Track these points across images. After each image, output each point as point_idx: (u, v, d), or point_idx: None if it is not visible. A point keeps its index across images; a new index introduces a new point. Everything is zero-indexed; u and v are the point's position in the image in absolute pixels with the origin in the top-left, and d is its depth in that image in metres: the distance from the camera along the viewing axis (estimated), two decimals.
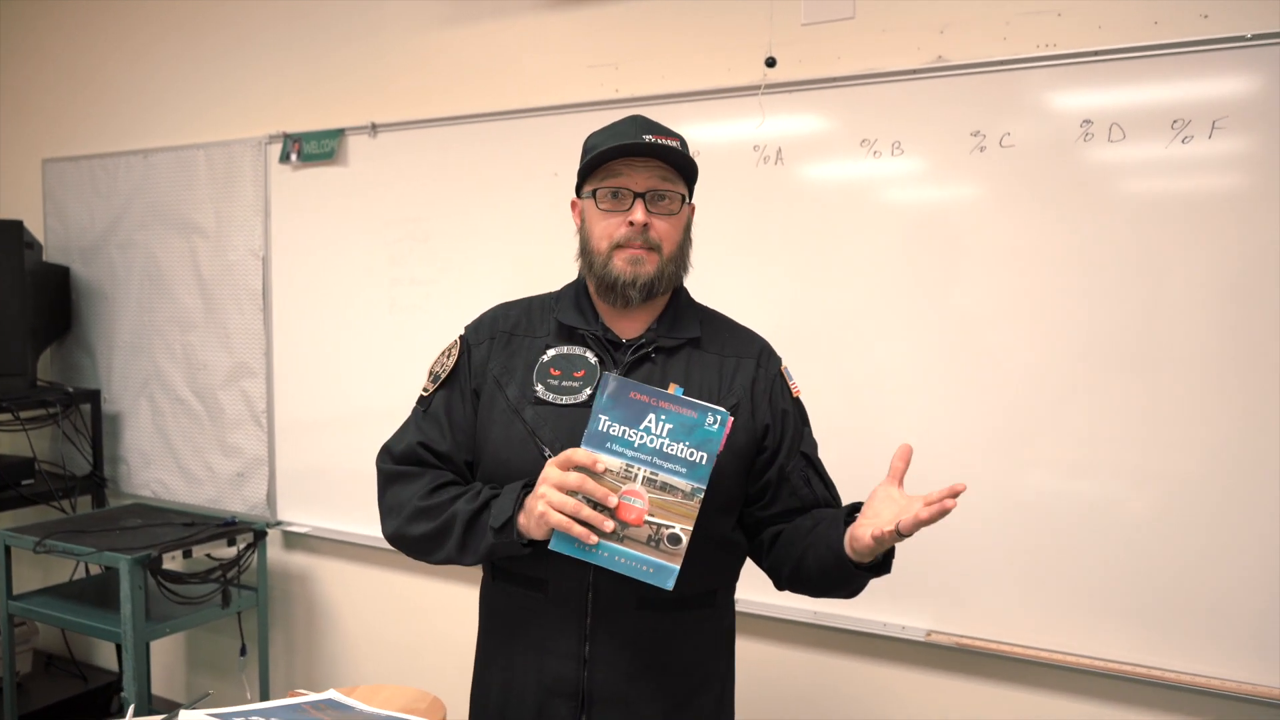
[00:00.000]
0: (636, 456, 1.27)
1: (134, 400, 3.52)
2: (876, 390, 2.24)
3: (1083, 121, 2.01)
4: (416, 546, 1.47)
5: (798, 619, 2.34)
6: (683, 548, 1.26)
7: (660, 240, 1.43)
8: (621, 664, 1.42)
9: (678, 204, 1.44)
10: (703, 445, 1.27)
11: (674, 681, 1.46)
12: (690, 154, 1.46)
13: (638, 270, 1.42)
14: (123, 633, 2.71)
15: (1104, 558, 2.04)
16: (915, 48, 2.20)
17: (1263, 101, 1.87)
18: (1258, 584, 1.91)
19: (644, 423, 1.27)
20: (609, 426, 1.28)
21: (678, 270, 1.48)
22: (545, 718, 1.44)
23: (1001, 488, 2.13)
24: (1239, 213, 1.89)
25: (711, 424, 1.27)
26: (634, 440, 1.27)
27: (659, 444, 1.27)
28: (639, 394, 1.28)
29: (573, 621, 1.42)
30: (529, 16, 2.68)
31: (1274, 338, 1.88)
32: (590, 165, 1.44)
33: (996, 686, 2.19)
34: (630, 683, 1.43)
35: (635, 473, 1.27)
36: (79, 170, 3.61)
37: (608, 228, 1.43)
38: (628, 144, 1.40)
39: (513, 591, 1.50)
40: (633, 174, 1.42)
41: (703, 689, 1.50)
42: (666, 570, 1.26)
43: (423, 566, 2.95)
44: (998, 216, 2.11)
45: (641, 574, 1.26)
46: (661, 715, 1.44)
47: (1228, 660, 1.94)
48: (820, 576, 1.40)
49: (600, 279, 1.45)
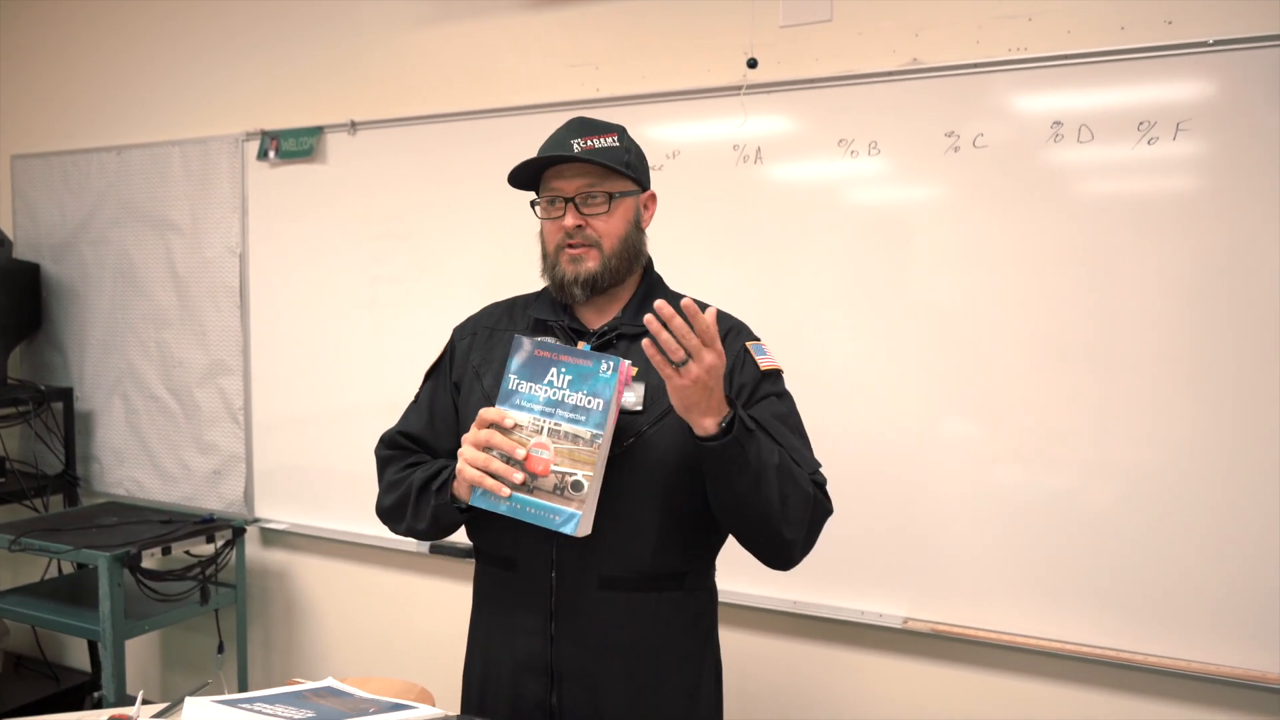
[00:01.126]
0: (542, 410, 1.34)
1: (107, 398, 3.50)
2: (851, 383, 2.29)
3: (1053, 123, 2.08)
4: (389, 517, 1.58)
5: (777, 608, 2.39)
6: (585, 493, 1.30)
7: (599, 237, 1.50)
8: (587, 642, 1.47)
9: (606, 203, 1.49)
10: (598, 392, 1.32)
11: (642, 663, 1.49)
12: (627, 147, 1.52)
13: (579, 268, 1.49)
14: (101, 630, 2.70)
15: (1068, 547, 2.11)
16: (891, 50, 2.26)
17: (1224, 105, 1.95)
18: (1211, 570, 1.99)
19: (547, 377, 1.34)
20: (518, 385, 1.35)
21: (625, 263, 1.53)
22: (519, 693, 1.50)
23: (971, 480, 2.20)
24: (1202, 212, 1.97)
25: (605, 370, 1.32)
26: (539, 395, 1.34)
27: (560, 395, 1.33)
28: (542, 351, 1.36)
29: (539, 599, 1.48)
30: (510, 16, 2.71)
31: (1231, 336, 1.96)
32: (524, 179, 1.54)
33: (971, 670, 2.26)
34: (596, 661, 1.47)
35: (542, 425, 1.33)
36: (49, 167, 3.58)
37: (552, 233, 1.53)
38: (546, 156, 1.49)
39: (490, 571, 1.58)
40: (562, 181, 1.50)
41: (676, 673, 1.53)
42: (570, 516, 1.30)
43: (400, 561, 3.00)
44: (972, 215, 2.17)
45: (550, 523, 1.31)
46: (630, 694, 1.48)
47: (1184, 641, 2.02)
48: (712, 497, 1.40)
49: (552, 279, 1.54)
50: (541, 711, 1.48)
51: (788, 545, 1.41)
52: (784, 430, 1.48)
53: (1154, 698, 2.09)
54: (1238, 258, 1.95)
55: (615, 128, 1.54)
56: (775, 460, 1.35)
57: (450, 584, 2.92)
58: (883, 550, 2.29)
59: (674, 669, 1.53)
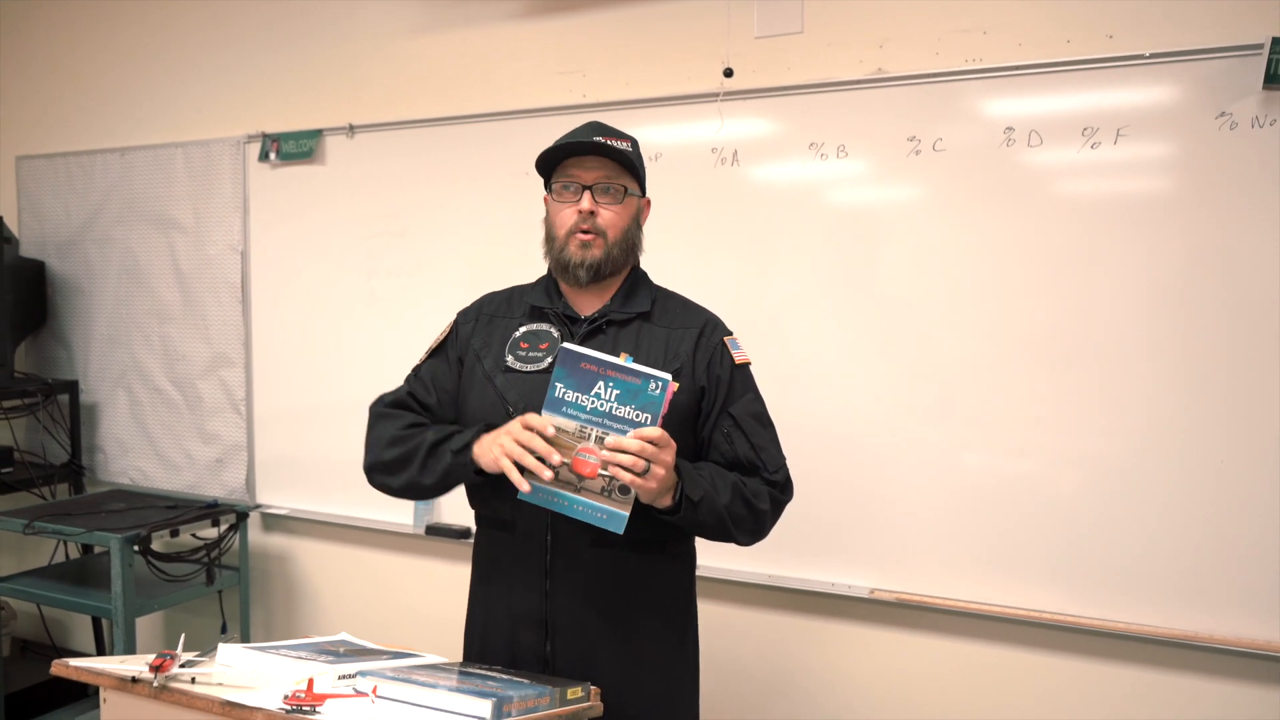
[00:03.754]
0: (589, 419, 1.45)
1: (111, 390, 3.63)
2: (822, 372, 2.46)
3: (1006, 128, 2.26)
4: (388, 470, 1.69)
5: (752, 581, 2.56)
6: (632, 496, 1.46)
7: (606, 227, 1.66)
8: (578, 596, 1.63)
9: (621, 195, 1.67)
10: (647, 407, 1.45)
11: (629, 618, 1.66)
12: (640, 156, 1.70)
13: (586, 254, 1.65)
14: (114, 608, 2.83)
15: (1027, 525, 2.28)
16: (858, 60, 2.43)
17: (1159, 112, 2.13)
18: (1161, 550, 2.17)
19: (594, 389, 1.45)
20: (564, 393, 1.46)
21: (624, 254, 1.70)
22: (517, 645, 1.66)
23: (935, 464, 2.37)
24: (1140, 211, 2.15)
25: (654, 389, 1.44)
26: (586, 405, 1.45)
27: (608, 407, 1.45)
28: (589, 364, 1.45)
29: (535, 558, 1.64)
30: (501, 25, 2.87)
31: (1182, 330, 2.13)
32: (548, 164, 1.69)
33: (933, 636, 2.43)
34: (587, 614, 1.63)
35: (589, 433, 1.45)
36: (54, 167, 3.71)
37: (564, 217, 1.68)
38: (574, 143, 1.65)
39: (490, 534, 1.73)
40: (582, 170, 1.66)
41: (658, 626, 1.70)
42: (617, 516, 1.46)
43: (396, 544, 3.15)
44: (932, 214, 2.34)
45: (597, 520, 1.46)
46: (616, 644, 1.65)
47: (1134, 608, 2.20)
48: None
49: (557, 261, 1.70)
50: (537, 660, 1.64)
51: (745, 545, 1.67)
52: (758, 428, 1.69)
53: (1101, 659, 2.27)
54: (1182, 254, 2.13)
55: (630, 137, 1.70)
56: (726, 500, 1.56)
57: (445, 564, 3.07)
58: (851, 527, 2.46)
59: (657, 623, 1.70)
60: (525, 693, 1.30)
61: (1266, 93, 2.02)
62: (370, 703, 1.20)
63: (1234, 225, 2.08)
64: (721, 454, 1.66)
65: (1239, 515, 2.10)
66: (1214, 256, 2.10)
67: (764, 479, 1.64)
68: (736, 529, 1.59)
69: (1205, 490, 2.12)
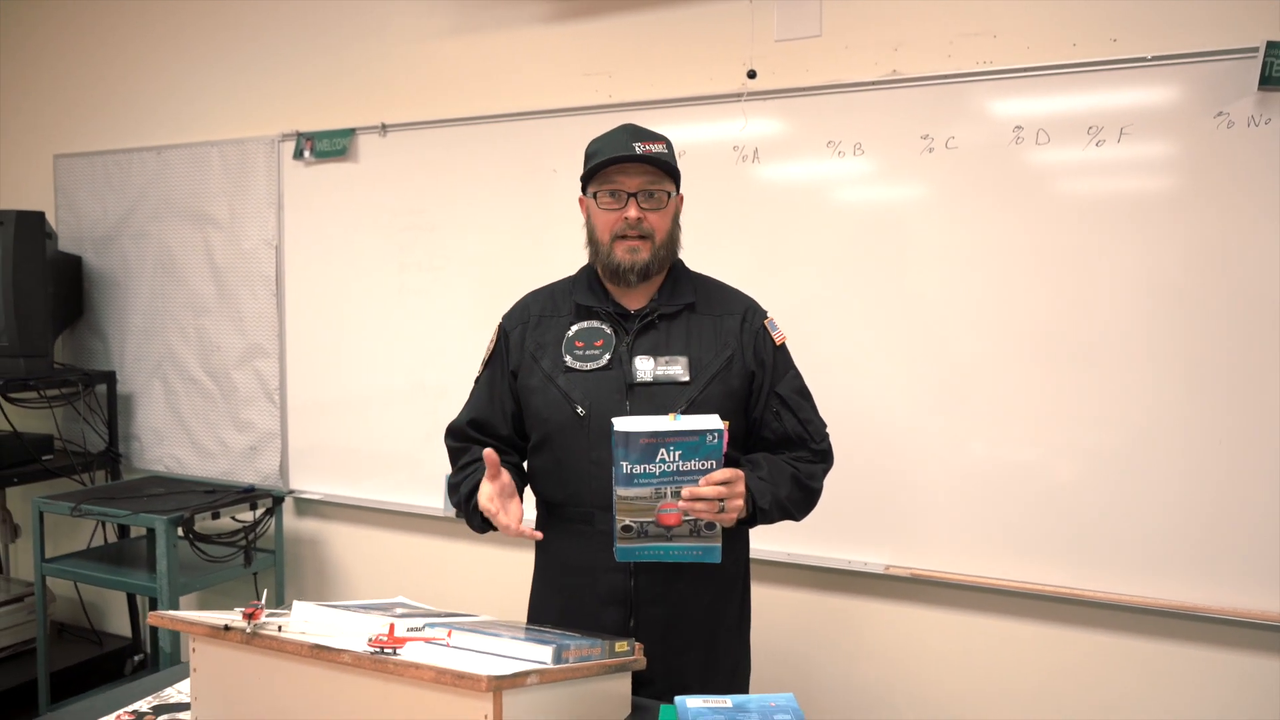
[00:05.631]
0: (661, 481, 1.57)
1: (146, 381, 3.76)
2: (840, 364, 2.58)
3: (1015, 127, 2.38)
4: (460, 516, 1.86)
5: (773, 559, 2.68)
6: (718, 530, 1.60)
7: (652, 230, 1.76)
8: (659, 572, 1.74)
9: (665, 199, 1.77)
10: (710, 456, 1.56)
11: (703, 586, 1.78)
12: (674, 154, 1.79)
13: (635, 258, 1.75)
14: (159, 587, 2.96)
15: (1034, 507, 2.41)
16: (873, 63, 2.55)
17: (1160, 112, 2.25)
18: (1159, 529, 2.29)
19: (658, 456, 1.56)
20: (632, 469, 1.56)
21: (669, 253, 1.81)
22: (601, 623, 1.76)
23: (947, 453, 2.49)
24: (1142, 207, 2.27)
25: (711, 440, 1.55)
26: (655, 471, 1.56)
27: (675, 467, 1.56)
28: (646, 438, 1.56)
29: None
30: (530, 29, 2.99)
31: (1184, 326, 2.25)
32: (591, 171, 1.77)
33: (945, 610, 2.56)
34: (668, 586, 1.76)
35: (665, 492, 1.57)
36: (91, 165, 3.84)
37: (608, 222, 1.76)
38: (621, 155, 1.73)
39: (567, 526, 1.81)
40: (625, 177, 1.74)
41: (728, 593, 1.85)
42: (712, 550, 1.62)
43: (426, 526, 3.28)
44: (944, 209, 2.47)
45: (694, 558, 1.62)
46: (694, 613, 1.78)
47: (1128, 580, 2.33)
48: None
49: (605, 265, 1.79)
50: (621, 635, 1.75)
51: (800, 520, 1.82)
52: (802, 403, 1.83)
53: (1106, 630, 2.40)
54: (1180, 248, 2.25)
55: (663, 136, 1.79)
56: (786, 492, 1.72)
57: (474, 547, 3.19)
58: (867, 509, 2.58)
59: (727, 590, 1.84)
60: (579, 643, 1.43)
61: (1262, 93, 2.15)
62: (446, 645, 1.32)
63: (1230, 220, 2.20)
64: (772, 430, 1.79)
65: (1237, 499, 2.22)
66: (1211, 251, 2.22)
67: (811, 450, 1.79)
68: (797, 511, 1.77)
69: (1203, 477, 2.25)
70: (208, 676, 1.43)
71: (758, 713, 1.49)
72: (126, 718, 1.56)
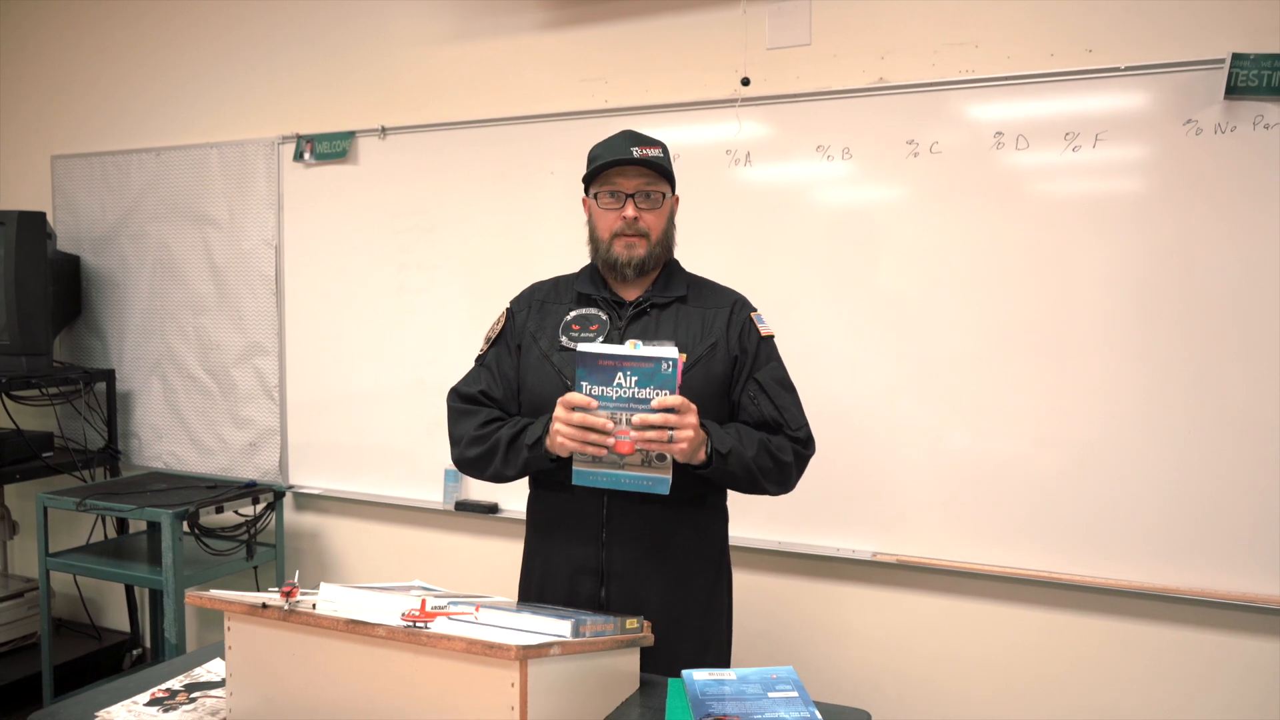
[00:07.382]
0: (617, 406, 1.66)
1: (145, 379, 3.81)
2: (824, 356, 2.68)
3: (995, 133, 2.49)
4: (474, 465, 1.91)
5: (763, 547, 2.78)
6: (669, 462, 1.68)
7: (648, 228, 1.88)
8: (630, 546, 1.86)
9: (660, 200, 1.90)
10: (664, 384, 1.64)
11: (672, 563, 1.88)
12: (669, 158, 1.91)
13: (632, 254, 1.88)
14: (165, 580, 3.03)
15: (1012, 496, 2.53)
16: (861, 70, 2.66)
17: (1133, 119, 2.37)
18: (1132, 516, 2.41)
19: (615, 380, 1.65)
20: (589, 389, 1.66)
21: (663, 250, 1.94)
22: (574, 590, 1.88)
23: (930, 440, 2.60)
24: (1115, 208, 2.39)
25: (666, 369, 1.64)
26: (611, 395, 1.66)
27: (631, 392, 1.65)
28: (605, 360, 1.65)
29: (593, 515, 1.87)
30: (527, 35, 3.08)
31: (1164, 323, 2.37)
32: (592, 173, 1.90)
33: (929, 595, 2.67)
34: (637, 561, 1.86)
35: (620, 418, 1.66)
36: (89, 166, 3.89)
37: (608, 221, 1.89)
38: (619, 159, 1.85)
39: (550, 497, 1.94)
40: (624, 179, 1.87)
41: (698, 573, 1.93)
42: (661, 481, 1.69)
43: (424, 520, 3.35)
44: (929, 210, 2.58)
45: (645, 487, 1.69)
46: (663, 587, 1.87)
47: (1106, 564, 2.45)
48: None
49: (604, 260, 1.92)
50: (593, 605, 1.86)
51: (775, 495, 1.90)
52: (780, 391, 1.91)
53: (1081, 611, 2.51)
54: (1150, 249, 2.37)
55: (659, 141, 1.91)
56: (752, 453, 1.78)
57: (474, 539, 3.28)
58: (853, 499, 2.69)
59: (697, 570, 1.93)
60: (594, 619, 1.52)
61: (1228, 102, 2.27)
62: (473, 621, 1.41)
63: (1197, 222, 2.32)
64: (749, 415, 1.89)
65: (1195, 481, 2.34)
66: (1178, 251, 2.34)
67: (787, 436, 1.87)
68: (765, 479, 1.81)
69: (1172, 464, 2.36)
70: (244, 653, 1.51)
71: (760, 684, 1.59)
72: (160, 694, 1.63)
